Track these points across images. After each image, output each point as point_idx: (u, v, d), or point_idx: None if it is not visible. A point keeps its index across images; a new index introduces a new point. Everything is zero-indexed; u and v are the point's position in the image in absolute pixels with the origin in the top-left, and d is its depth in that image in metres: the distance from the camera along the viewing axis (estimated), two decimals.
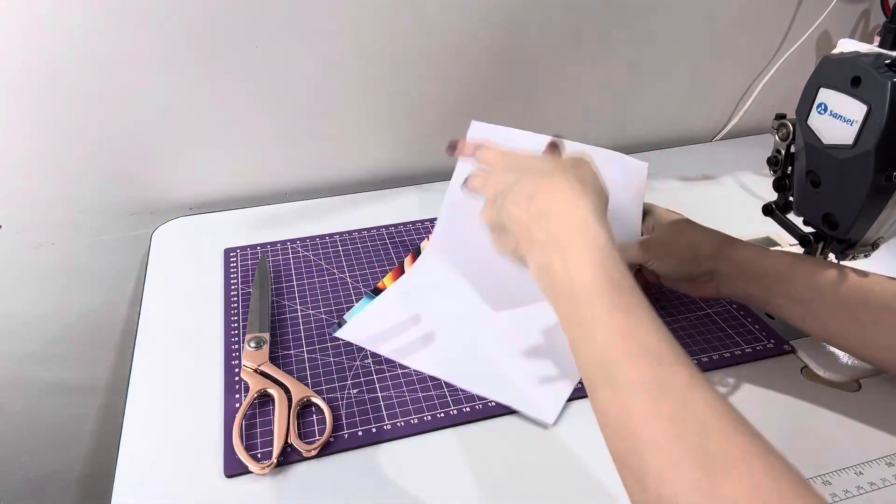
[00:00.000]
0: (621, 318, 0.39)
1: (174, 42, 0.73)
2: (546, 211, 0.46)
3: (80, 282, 0.85)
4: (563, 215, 0.46)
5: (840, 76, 0.49)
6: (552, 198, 0.47)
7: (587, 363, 0.40)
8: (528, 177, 0.49)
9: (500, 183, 0.50)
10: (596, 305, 0.40)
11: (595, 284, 0.41)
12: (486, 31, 0.83)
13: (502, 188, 0.49)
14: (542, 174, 0.49)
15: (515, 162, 0.52)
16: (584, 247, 0.43)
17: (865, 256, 0.56)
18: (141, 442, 0.53)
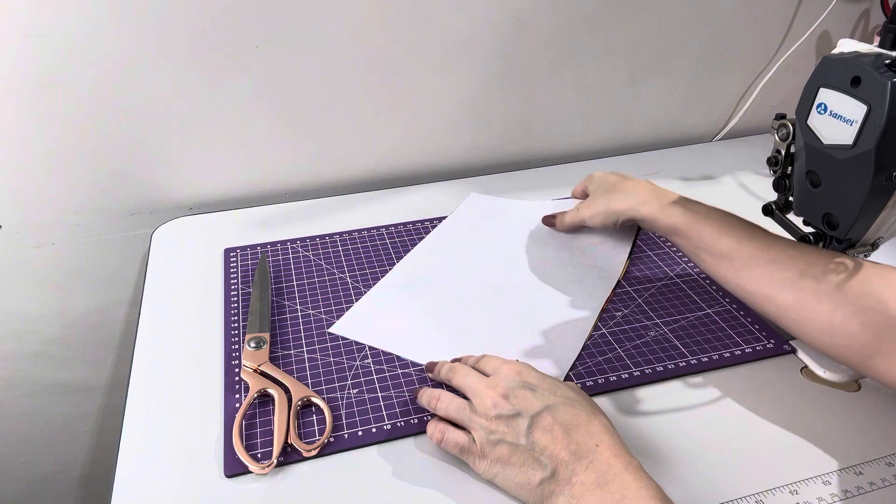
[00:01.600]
0: None
1: (174, 42, 0.73)
2: (589, 448, 0.43)
3: (80, 282, 0.85)
4: (606, 452, 0.43)
5: (840, 76, 0.49)
6: (592, 437, 0.44)
7: None
8: (558, 402, 0.46)
9: (517, 397, 0.46)
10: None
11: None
12: (487, 32, 0.83)
13: (524, 407, 0.46)
14: (570, 402, 0.46)
15: (529, 376, 0.49)
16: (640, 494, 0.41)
17: (865, 256, 0.56)
18: (141, 442, 0.53)
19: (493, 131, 0.92)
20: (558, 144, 0.96)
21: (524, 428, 0.45)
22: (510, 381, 0.48)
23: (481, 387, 0.49)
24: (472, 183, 0.89)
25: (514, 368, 0.50)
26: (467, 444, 0.48)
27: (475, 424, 0.47)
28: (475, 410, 0.48)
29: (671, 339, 0.61)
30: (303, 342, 0.62)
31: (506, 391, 0.47)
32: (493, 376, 0.50)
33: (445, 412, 0.50)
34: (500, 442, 0.46)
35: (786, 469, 0.49)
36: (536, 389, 0.47)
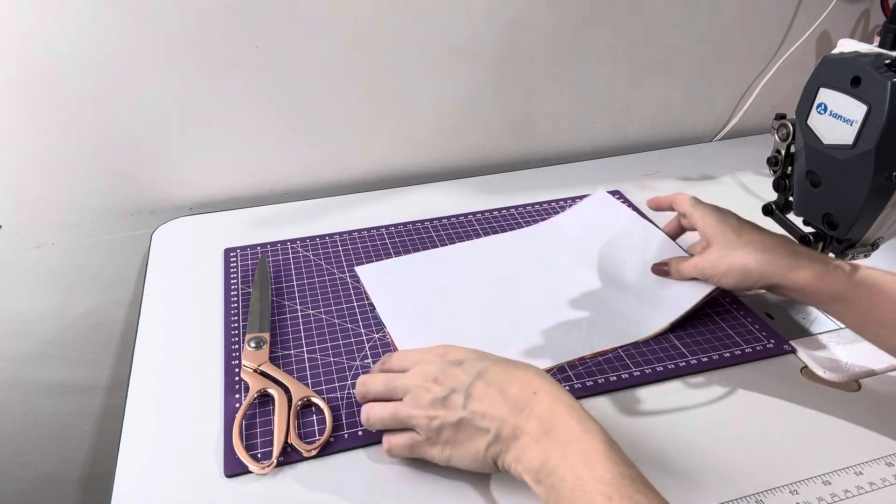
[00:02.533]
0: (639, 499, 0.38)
1: (174, 42, 0.73)
2: (528, 402, 0.43)
3: (80, 282, 0.85)
4: (546, 401, 0.43)
5: (840, 76, 0.49)
6: (530, 390, 0.44)
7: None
8: (488, 365, 0.46)
9: (446, 377, 0.46)
10: (614, 488, 0.38)
11: (608, 477, 0.39)
12: (487, 31, 0.83)
13: (456, 384, 0.45)
14: (497, 361, 0.47)
15: (452, 353, 0.49)
16: (585, 437, 0.41)
17: (865, 256, 0.56)
18: (141, 442, 0.53)
19: (493, 131, 0.92)
20: (558, 144, 0.96)
21: (460, 403, 0.45)
22: (435, 364, 0.48)
23: (409, 381, 0.48)
24: (472, 183, 0.89)
25: (437, 352, 0.49)
26: (413, 440, 0.47)
27: (415, 419, 0.46)
28: (413, 404, 0.47)
29: (671, 339, 0.61)
30: (303, 342, 0.62)
31: (435, 375, 0.47)
32: (419, 365, 0.49)
33: (382, 423, 0.49)
34: (442, 426, 0.45)
35: (786, 469, 0.49)
36: (464, 362, 0.47)
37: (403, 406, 0.47)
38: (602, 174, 0.91)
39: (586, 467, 0.39)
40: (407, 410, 0.47)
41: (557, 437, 0.41)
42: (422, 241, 0.76)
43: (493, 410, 0.44)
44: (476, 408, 0.44)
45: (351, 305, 0.66)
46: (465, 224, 0.80)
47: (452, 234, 0.78)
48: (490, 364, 0.47)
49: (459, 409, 0.45)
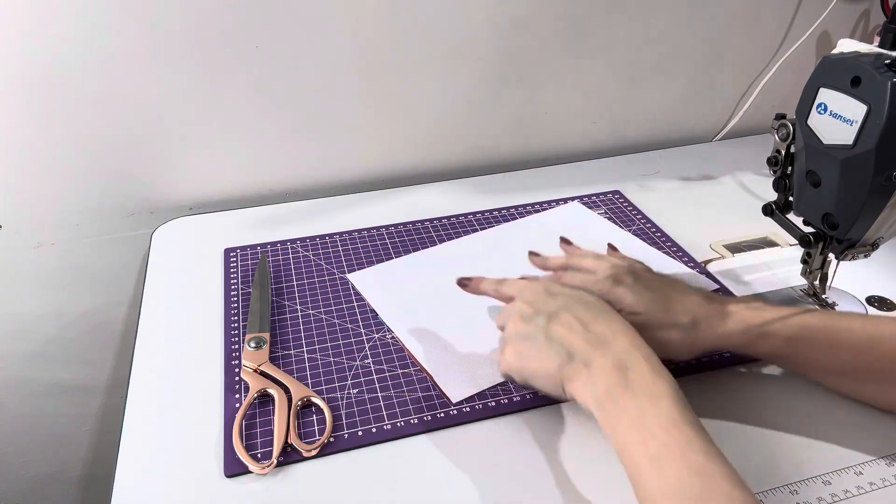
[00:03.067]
0: (695, 457, 0.39)
1: (174, 42, 0.73)
2: (606, 336, 0.46)
3: (80, 282, 0.85)
4: (627, 344, 0.45)
5: (840, 76, 0.49)
6: (611, 329, 0.47)
7: (658, 497, 0.39)
8: (577, 304, 0.49)
9: (540, 301, 0.50)
10: (672, 438, 0.39)
11: (671, 417, 0.40)
12: (487, 32, 0.83)
13: (543, 307, 0.50)
14: (590, 306, 0.49)
15: (554, 288, 0.52)
16: (654, 377, 0.43)
17: (865, 256, 0.56)
18: (141, 442, 0.53)
19: (493, 131, 0.92)
20: (558, 144, 0.96)
21: (542, 324, 0.48)
22: (534, 290, 0.52)
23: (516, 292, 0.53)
24: (473, 183, 0.89)
25: (538, 284, 0.53)
26: (500, 344, 0.52)
27: (505, 326, 0.52)
28: (506, 315, 0.52)
29: None
30: (303, 342, 0.62)
31: (528, 296, 0.52)
32: (524, 288, 0.53)
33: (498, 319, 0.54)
34: (523, 338, 0.49)
35: (786, 469, 0.49)
36: (558, 295, 0.51)
37: (503, 312, 0.53)
38: (602, 174, 0.91)
39: (650, 403, 0.41)
40: (501, 320, 0.53)
41: (627, 374, 0.43)
42: (422, 241, 0.76)
43: (570, 337, 0.47)
44: (556, 331, 0.48)
45: (351, 305, 0.66)
46: (465, 224, 0.80)
47: (452, 234, 0.78)
48: (580, 303, 0.50)
49: (541, 328, 0.48)
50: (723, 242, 0.76)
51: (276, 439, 0.51)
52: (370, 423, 0.53)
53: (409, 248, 0.75)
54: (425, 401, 0.55)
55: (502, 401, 0.55)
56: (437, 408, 0.55)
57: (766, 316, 0.52)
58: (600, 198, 0.85)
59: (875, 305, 0.65)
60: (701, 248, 0.75)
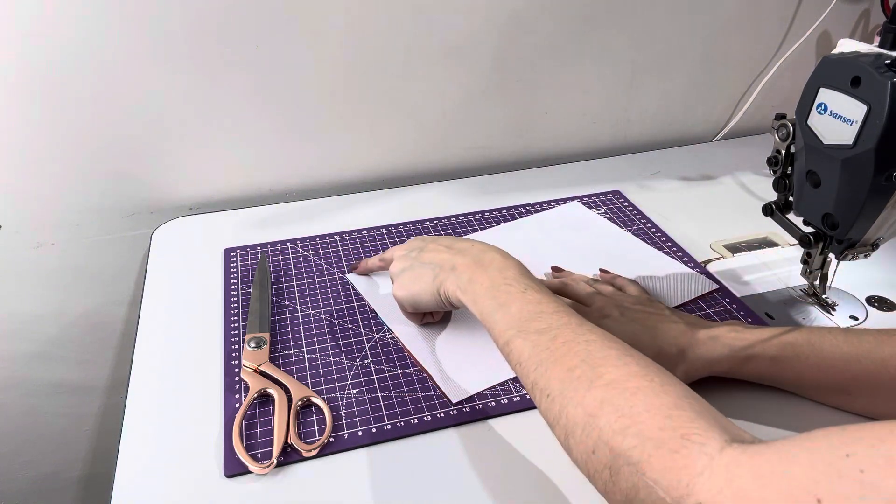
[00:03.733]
0: (532, 295, 0.48)
1: (174, 42, 0.73)
2: (466, 248, 0.55)
3: (80, 282, 0.85)
4: (483, 248, 0.55)
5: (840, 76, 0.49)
6: (470, 243, 0.56)
7: (504, 328, 0.46)
8: (443, 237, 0.59)
9: (409, 247, 0.60)
10: (513, 289, 0.49)
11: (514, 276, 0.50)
12: (487, 31, 0.83)
13: (415, 247, 0.60)
14: (452, 238, 0.59)
15: (424, 237, 0.61)
16: (504, 263, 0.52)
17: (865, 256, 0.56)
18: (141, 442, 0.53)
19: (493, 131, 0.92)
20: (558, 144, 0.96)
21: (415, 255, 0.58)
22: (410, 240, 0.62)
23: (392, 251, 0.64)
24: (473, 183, 0.89)
25: (413, 238, 0.63)
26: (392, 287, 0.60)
27: (391, 273, 0.61)
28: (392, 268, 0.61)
29: None
30: (303, 342, 0.62)
31: (405, 245, 0.62)
32: (399, 245, 0.63)
33: None
34: (401, 272, 0.59)
35: None
36: (425, 238, 0.61)
37: None
38: (602, 174, 0.91)
39: (499, 272, 0.51)
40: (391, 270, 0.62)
41: (484, 264, 0.52)
42: None
43: (438, 256, 0.56)
44: (426, 257, 0.57)
45: (351, 305, 0.66)
46: (465, 224, 0.80)
47: (452, 234, 0.78)
48: (444, 237, 0.60)
49: (413, 259, 0.58)
50: (723, 242, 0.76)
51: (276, 439, 0.51)
52: (370, 423, 0.53)
53: None
54: (425, 401, 0.55)
55: (502, 401, 0.55)
56: (437, 408, 0.55)
57: (749, 338, 0.53)
58: (600, 198, 0.85)
59: (875, 305, 0.65)
60: (701, 248, 0.75)
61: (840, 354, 0.51)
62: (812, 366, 0.52)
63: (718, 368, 0.54)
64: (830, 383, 0.52)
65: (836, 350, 0.51)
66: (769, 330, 0.53)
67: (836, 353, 0.51)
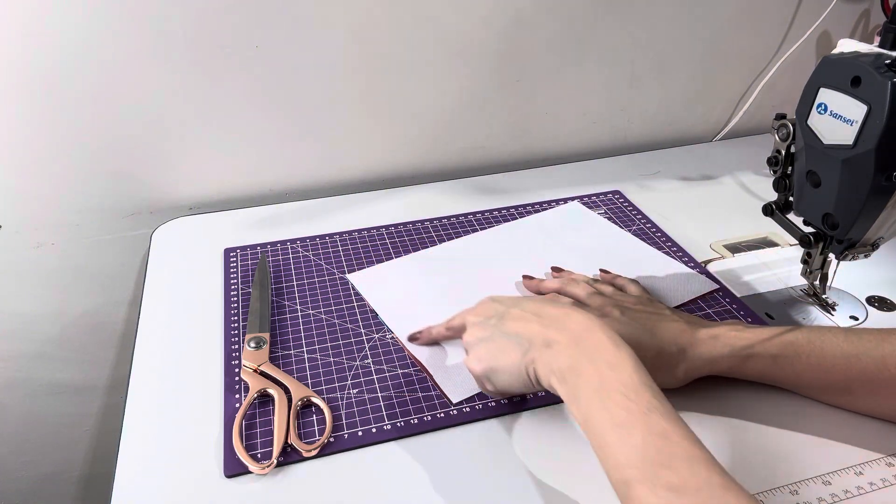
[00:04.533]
0: (658, 421, 0.39)
1: (174, 42, 0.73)
2: (559, 317, 0.47)
3: (80, 282, 0.85)
4: (581, 321, 0.46)
5: (840, 76, 0.49)
6: (563, 311, 0.47)
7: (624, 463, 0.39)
8: (525, 300, 0.51)
9: (488, 309, 0.52)
10: (634, 404, 0.40)
11: (632, 383, 0.41)
12: (487, 32, 0.83)
13: (492, 313, 0.51)
14: (537, 299, 0.52)
15: (498, 297, 0.54)
16: (616, 356, 0.43)
17: (865, 256, 0.56)
18: (141, 442, 0.53)
19: (493, 131, 0.92)
20: (558, 144, 0.96)
21: (495, 323, 0.50)
22: (481, 303, 0.55)
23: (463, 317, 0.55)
24: (472, 183, 0.89)
25: (484, 298, 0.55)
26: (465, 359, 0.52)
27: (465, 342, 0.53)
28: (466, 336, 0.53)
29: None
30: (303, 342, 0.62)
31: (478, 310, 0.54)
32: (469, 309, 0.55)
33: None
34: (479, 341, 0.51)
35: (786, 469, 0.49)
36: (503, 300, 0.53)
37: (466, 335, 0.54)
38: (602, 174, 0.91)
39: (613, 372, 0.42)
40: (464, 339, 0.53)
41: (587, 347, 0.44)
42: (422, 241, 0.76)
43: (525, 327, 0.48)
44: (510, 327, 0.49)
45: (351, 305, 0.66)
46: (465, 224, 0.80)
47: (452, 234, 0.78)
48: (526, 300, 0.51)
49: (492, 327, 0.50)
50: (723, 242, 0.76)
51: (276, 439, 0.51)
52: (370, 423, 0.53)
53: (409, 248, 0.75)
54: (425, 401, 0.55)
55: (502, 401, 0.55)
56: (437, 408, 0.55)
57: (750, 337, 0.53)
58: (600, 198, 0.85)
59: (875, 305, 0.65)
60: (701, 248, 0.75)
61: (841, 353, 0.51)
62: (813, 365, 0.51)
63: (719, 367, 0.54)
64: (831, 382, 0.52)
65: (837, 349, 0.51)
66: (770, 329, 0.53)
67: (836, 352, 0.51)
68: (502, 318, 0.50)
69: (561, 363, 0.44)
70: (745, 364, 0.53)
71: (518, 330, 0.48)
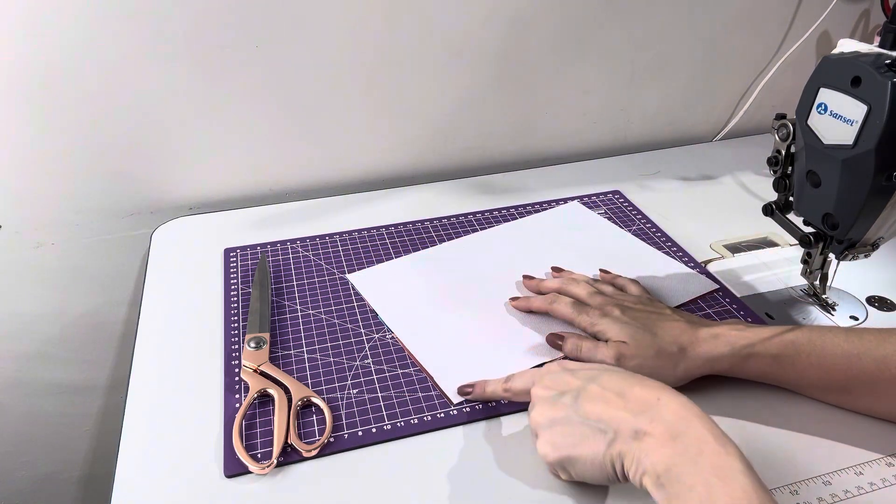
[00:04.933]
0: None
1: (174, 42, 0.73)
2: (648, 400, 0.41)
3: (80, 282, 0.85)
4: (676, 409, 0.40)
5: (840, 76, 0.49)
6: (654, 394, 0.42)
7: None
8: (603, 373, 0.45)
9: (560, 382, 0.47)
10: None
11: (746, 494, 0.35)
12: (487, 32, 0.83)
13: (565, 388, 0.46)
14: (616, 372, 0.46)
15: (570, 364, 0.50)
16: (720, 451, 0.37)
17: (865, 256, 0.56)
18: (141, 442, 0.53)
19: (493, 131, 0.92)
20: (558, 144, 0.96)
21: (571, 402, 0.44)
22: (549, 371, 0.49)
23: (530, 389, 0.50)
24: (473, 183, 0.89)
25: (552, 365, 0.51)
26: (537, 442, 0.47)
27: (532, 423, 0.47)
28: (531, 409, 0.48)
29: None
30: (303, 342, 0.62)
31: (547, 381, 0.48)
32: (536, 373, 0.51)
33: None
34: (552, 423, 0.45)
35: (786, 469, 0.49)
36: (576, 371, 0.47)
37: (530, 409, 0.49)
38: (602, 174, 0.91)
39: (721, 482, 0.36)
40: (530, 410, 0.48)
41: (688, 445, 0.38)
42: (422, 241, 0.76)
43: (609, 411, 0.42)
44: (589, 409, 0.43)
45: (351, 305, 0.66)
46: (464, 224, 0.80)
47: (452, 234, 0.78)
48: (605, 373, 0.46)
49: (570, 407, 0.44)
50: (723, 242, 0.76)
51: (276, 439, 0.51)
52: (370, 423, 0.53)
53: (409, 248, 0.75)
54: (425, 401, 0.55)
55: (502, 401, 0.55)
56: (437, 408, 0.55)
57: (750, 336, 0.53)
58: (600, 198, 0.85)
59: (875, 305, 0.65)
60: (701, 248, 0.75)
61: (841, 353, 0.51)
62: (813, 364, 0.51)
63: (719, 367, 0.54)
64: (831, 382, 0.52)
65: (837, 349, 0.51)
66: (770, 329, 0.53)
67: (836, 351, 0.51)
68: (578, 396, 0.44)
69: (656, 463, 0.38)
70: (745, 363, 0.53)
71: (599, 413, 0.42)
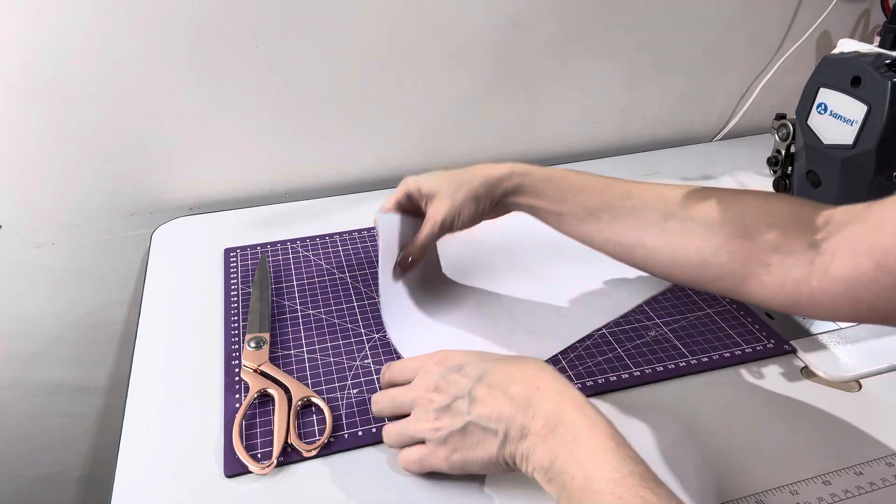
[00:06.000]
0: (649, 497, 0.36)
1: (175, 42, 0.73)
2: (530, 399, 0.43)
3: (80, 282, 0.85)
4: (555, 400, 0.42)
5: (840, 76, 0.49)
6: (531, 383, 0.44)
7: None
8: (489, 365, 0.46)
9: (452, 385, 0.46)
10: (620, 487, 0.37)
11: (619, 477, 0.37)
12: (487, 32, 0.83)
13: (456, 391, 0.45)
14: (499, 361, 0.46)
15: (437, 361, 0.49)
16: (591, 434, 0.40)
17: None
18: (141, 442, 0.53)
19: (493, 131, 0.92)
20: (558, 144, 0.96)
21: (465, 409, 0.45)
22: (436, 373, 0.48)
23: (412, 395, 0.49)
24: None
25: (436, 359, 0.50)
26: (422, 453, 0.47)
27: (422, 433, 0.47)
28: (418, 418, 0.47)
29: (671, 339, 0.61)
30: (303, 342, 0.62)
31: (436, 383, 0.47)
32: (419, 377, 0.49)
33: (399, 443, 0.49)
34: (449, 434, 0.45)
35: (786, 469, 0.49)
36: (464, 367, 0.47)
37: (411, 422, 0.48)
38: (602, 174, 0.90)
39: (595, 466, 0.38)
40: (414, 426, 0.47)
41: (564, 435, 0.40)
42: None
43: (498, 412, 0.43)
44: (481, 411, 0.44)
45: (351, 305, 0.66)
46: None
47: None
48: (491, 364, 0.46)
49: (465, 414, 0.44)
50: None
51: (276, 439, 0.51)
52: (370, 423, 0.53)
53: None
54: None
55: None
56: None
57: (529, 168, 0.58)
58: None
59: None
60: None
61: (595, 183, 0.56)
62: (574, 188, 0.56)
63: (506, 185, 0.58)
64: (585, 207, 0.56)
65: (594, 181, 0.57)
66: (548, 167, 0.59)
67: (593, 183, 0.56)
68: (472, 400, 0.44)
69: (541, 458, 0.41)
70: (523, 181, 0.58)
71: (489, 413, 0.43)
